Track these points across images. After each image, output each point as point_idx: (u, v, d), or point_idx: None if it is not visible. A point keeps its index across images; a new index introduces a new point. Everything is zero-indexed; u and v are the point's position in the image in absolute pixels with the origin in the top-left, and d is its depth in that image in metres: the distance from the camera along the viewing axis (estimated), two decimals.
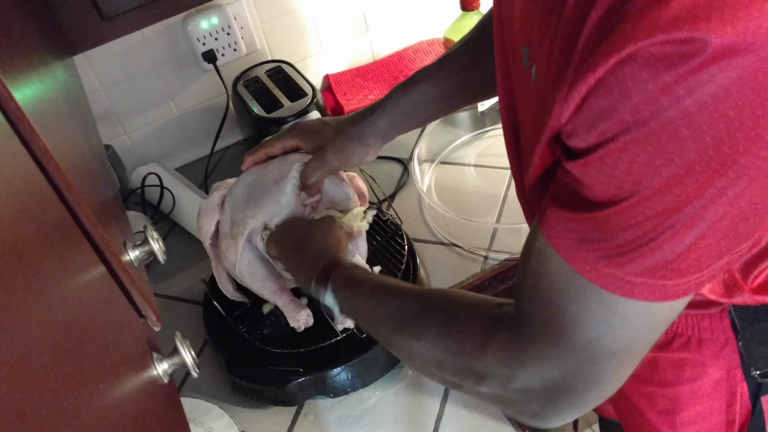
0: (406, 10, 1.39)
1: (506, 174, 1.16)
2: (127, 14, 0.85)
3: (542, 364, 0.50)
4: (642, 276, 0.43)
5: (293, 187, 0.81)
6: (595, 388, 0.50)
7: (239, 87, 1.21)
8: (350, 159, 0.81)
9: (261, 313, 0.95)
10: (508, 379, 0.52)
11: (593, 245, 0.44)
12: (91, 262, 0.40)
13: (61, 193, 0.37)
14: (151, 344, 0.50)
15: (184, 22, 1.20)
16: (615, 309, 0.46)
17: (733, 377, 0.67)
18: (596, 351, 0.48)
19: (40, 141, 0.33)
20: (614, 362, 0.48)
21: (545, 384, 0.50)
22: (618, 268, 0.44)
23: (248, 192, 0.84)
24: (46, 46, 0.61)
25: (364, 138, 0.81)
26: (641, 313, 0.46)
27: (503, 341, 0.52)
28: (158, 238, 0.56)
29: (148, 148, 1.31)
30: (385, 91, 1.34)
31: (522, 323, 0.51)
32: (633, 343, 0.48)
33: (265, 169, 0.85)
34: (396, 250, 0.98)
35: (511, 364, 0.51)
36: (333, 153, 0.80)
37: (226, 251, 0.84)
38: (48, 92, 0.49)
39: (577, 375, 0.49)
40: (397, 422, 0.87)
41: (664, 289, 0.44)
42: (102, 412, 0.33)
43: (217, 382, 0.95)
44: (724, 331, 0.65)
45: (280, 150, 0.85)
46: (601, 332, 0.47)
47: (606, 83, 0.38)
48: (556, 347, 0.49)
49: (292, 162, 0.83)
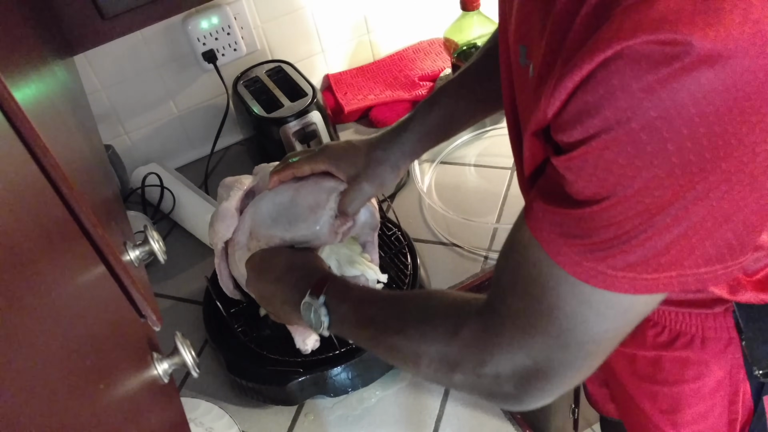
0: (406, 10, 1.39)
1: (506, 174, 1.16)
2: (127, 14, 0.85)
3: (512, 350, 0.51)
4: (622, 270, 0.44)
5: (329, 217, 0.81)
6: (566, 375, 0.51)
7: (239, 87, 1.21)
8: (384, 184, 0.82)
9: (259, 315, 0.95)
10: (479, 364, 0.53)
11: (575, 240, 0.45)
12: (92, 262, 0.40)
13: (61, 193, 0.37)
14: (151, 344, 0.50)
15: (185, 22, 1.20)
16: (591, 302, 0.47)
17: (735, 376, 0.67)
18: (568, 340, 0.49)
19: (40, 141, 0.33)
20: (584, 352, 0.50)
21: (515, 369, 0.52)
22: (599, 262, 0.44)
23: (277, 212, 0.83)
24: (46, 46, 0.61)
25: (395, 161, 0.82)
26: (617, 306, 0.47)
27: (473, 327, 0.54)
28: (158, 238, 0.56)
29: (148, 148, 1.31)
30: (385, 91, 1.34)
31: (494, 311, 0.53)
32: (605, 334, 0.49)
33: (298, 192, 0.84)
34: (397, 249, 0.98)
35: (482, 349, 0.53)
36: (369, 183, 0.80)
37: (238, 261, 0.84)
38: (48, 92, 0.49)
39: (548, 362, 0.50)
40: (397, 422, 0.87)
41: (644, 283, 0.44)
42: (102, 411, 0.33)
43: (218, 382, 0.95)
44: (728, 330, 0.65)
45: (309, 173, 0.84)
46: (574, 323, 0.48)
47: (592, 80, 0.38)
48: (527, 335, 0.50)
49: (328, 190, 0.82)
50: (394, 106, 1.32)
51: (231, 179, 0.90)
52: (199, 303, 1.04)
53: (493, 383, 0.53)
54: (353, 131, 1.33)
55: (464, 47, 1.20)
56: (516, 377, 0.52)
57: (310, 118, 1.12)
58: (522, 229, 0.49)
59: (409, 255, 0.98)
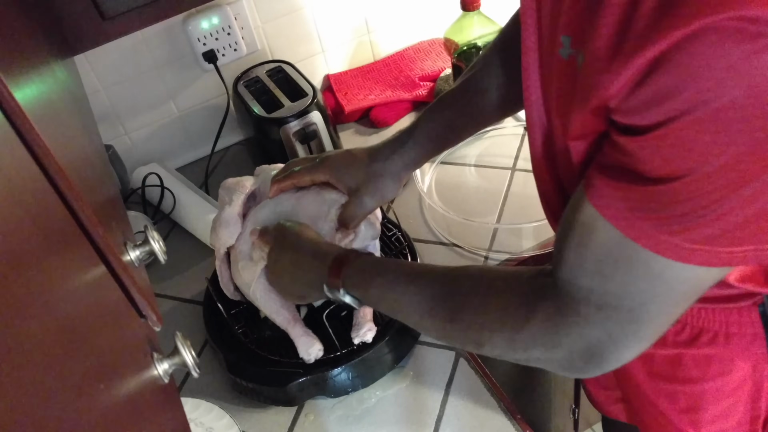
0: (406, 11, 1.39)
1: (506, 174, 1.16)
2: (128, 14, 0.85)
3: (587, 328, 0.52)
4: (699, 243, 0.44)
5: (330, 229, 0.81)
6: (636, 345, 0.53)
7: (240, 87, 1.21)
8: (385, 197, 0.82)
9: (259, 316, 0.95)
10: (552, 345, 0.54)
11: (648, 214, 0.45)
12: (92, 262, 0.40)
13: (61, 193, 0.37)
14: (151, 344, 0.50)
15: (185, 22, 1.20)
16: (664, 275, 0.47)
17: (759, 372, 0.67)
18: (641, 315, 0.50)
19: (40, 141, 0.33)
20: (655, 323, 0.51)
21: (588, 345, 0.53)
22: (675, 235, 0.44)
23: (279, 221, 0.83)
24: (46, 46, 0.61)
25: (396, 173, 0.82)
26: (690, 278, 0.47)
27: (546, 312, 0.54)
28: (159, 238, 0.56)
29: (148, 148, 1.31)
30: (385, 91, 1.34)
31: (565, 293, 0.53)
32: (674, 306, 0.50)
33: (299, 203, 0.84)
34: (398, 250, 0.98)
35: (556, 332, 0.54)
36: (369, 196, 0.80)
37: (241, 270, 0.84)
38: (49, 92, 0.49)
39: (620, 335, 0.52)
40: (397, 422, 0.86)
41: (720, 256, 0.45)
42: (102, 411, 0.33)
43: (218, 382, 0.95)
44: (753, 326, 0.64)
45: (309, 183, 0.85)
46: (646, 297, 0.49)
47: (669, 60, 0.38)
48: (600, 312, 0.51)
49: (329, 202, 0.82)
50: (394, 106, 1.32)
51: (232, 181, 0.89)
52: (199, 303, 1.04)
53: (564, 359, 0.55)
54: (353, 131, 1.33)
55: (464, 47, 1.20)
56: (588, 352, 0.53)
57: (310, 119, 1.12)
58: (582, 208, 0.49)
59: (410, 255, 0.98)
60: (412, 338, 0.94)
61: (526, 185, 1.13)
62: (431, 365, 0.91)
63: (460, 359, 0.91)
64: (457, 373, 0.90)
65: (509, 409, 0.85)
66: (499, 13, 1.19)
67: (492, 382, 0.88)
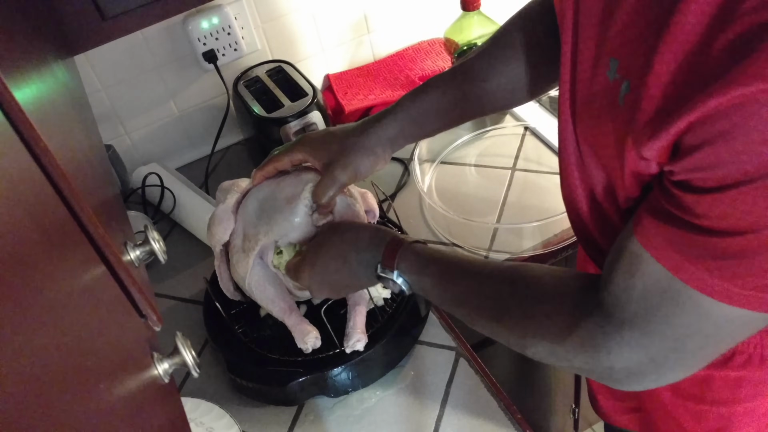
0: (406, 10, 1.39)
1: (506, 174, 1.16)
2: (128, 14, 0.85)
3: (629, 351, 0.52)
4: (752, 290, 0.44)
5: (305, 207, 0.80)
6: (679, 371, 0.53)
7: (240, 87, 1.21)
8: (359, 171, 0.78)
9: (259, 315, 0.95)
10: (594, 360, 0.55)
11: (698, 260, 0.45)
12: (92, 262, 0.40)
13: (61, 193, 0.37)
14: (151, 344, 0.50)
15: (185, 22, 1.20)
16: (711, 314, 0.47)
17: None
18: (685, 345, 0.50)
19: (41, 141, 0.33)
20: (699, 355, 0.51)
21: (630, 365, 0.53)
22: (726, 281, 0.44)
23: (261, 208, 0.83)
24: (46, 46, 0.61)
25: (371, 147, 0.78)
26: (738, 320, 0.47)
27: (589, 329, 0.55)
28: (159, 238, 0.56)
29: (148, 147, 1.32)
30: (385, 91, 1.34)
31: (611, 313, 0.53)
32: (720, 342, 0.50)
33: (278, 186, 0.83)
34: None
35: (598, 349, 0.54)
36: (341, 169, 0.77)
37: (236, 264, 0.84)
38: (49, 92, 0.49)
39: (663, 361, 0.52)
40: (397, 422, 0.86)
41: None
42: (102, 411, 0.33)
43: (218, 382, 0.95)
44: None
45: (288, 164, 0.82)
46: (692, 331, 0.49)
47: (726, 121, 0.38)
48: (645, 337, 0.51)
49: (305, 181, 0.81)
50: None
51: (228, 183, 0.90)
52: (199, 303, 1.04)
53: (604, 372, 0.55)
54: None
55: (464, 47, 1.20)
56: (629, 371, 0.54)
57: (310, 118, 1.12)
58: (632, 240, 0.50)
59: None
60: (411, 338, 0.94)
61: (526, 185, 1.13)
62: (431, 365, 0.91)
63: (460, 359, 0.91)
64: (457, 372, 0.90)
65: (509, 409, 0.85)
66: (499, 13, 1.18)
67: (492, 381, 0.88)
